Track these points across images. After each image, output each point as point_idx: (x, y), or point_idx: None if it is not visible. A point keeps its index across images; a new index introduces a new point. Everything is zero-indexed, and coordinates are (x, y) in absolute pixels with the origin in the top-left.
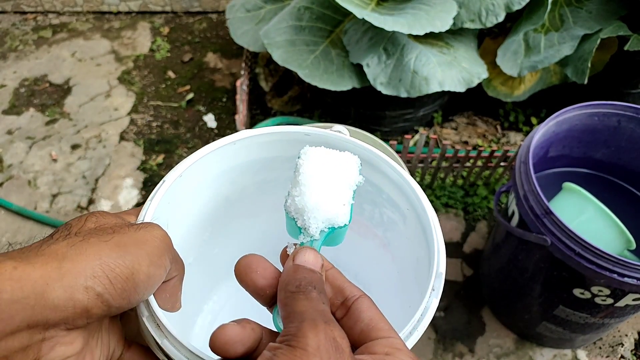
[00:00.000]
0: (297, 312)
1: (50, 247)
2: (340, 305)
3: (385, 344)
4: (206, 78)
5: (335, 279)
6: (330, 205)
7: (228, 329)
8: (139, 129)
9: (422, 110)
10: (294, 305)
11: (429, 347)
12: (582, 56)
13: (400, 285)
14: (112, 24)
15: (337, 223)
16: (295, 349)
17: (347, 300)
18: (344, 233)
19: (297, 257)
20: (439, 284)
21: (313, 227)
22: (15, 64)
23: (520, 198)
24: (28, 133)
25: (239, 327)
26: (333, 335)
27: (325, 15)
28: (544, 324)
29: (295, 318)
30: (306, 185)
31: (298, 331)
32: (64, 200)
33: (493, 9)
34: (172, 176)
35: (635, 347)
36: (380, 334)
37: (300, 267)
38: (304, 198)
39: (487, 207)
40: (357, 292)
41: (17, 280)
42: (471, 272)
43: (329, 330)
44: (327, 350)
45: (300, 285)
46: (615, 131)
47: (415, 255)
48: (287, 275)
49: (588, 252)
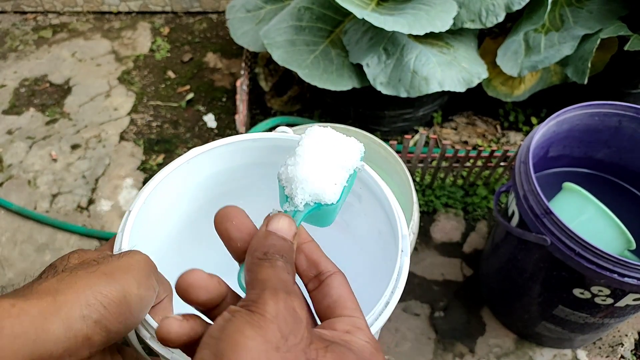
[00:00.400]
0: (260, 279)
1: (41, 285)
2: (313, 278)
3: (347, 322)
4: (206, 78)
5: (312, 252)
6: (320, 180)
7: (195, 273)
8: (139, 128)
9: (422, 110)
10: (258, 272)
11: (429, 347)
12: (583, 56)
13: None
14: (112, 24)
15: (324, 199)
16: (254, 314)
17: (321, 274)
18: (332, 213)
19: (271, 223)
20: (406, 244)
21: (299, 197)
22: (16, 64)
23: (520, 198)
24: (28, 133)
25: (207, 275)
26: (293, 305)
27: (325, 15)
28: (544, 323)
29: (258, 285)
30: (302, 157)
31: (259, 298)
32: (64, 200)
33: (493, 9)
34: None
35: (635, 347)
36: (345, 312)
37: (271, 233)
38: (297, 168)
39: (487, 207)
40: (332, 269)
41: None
42: (471, 272)
43: (289, 300)
44: (285, 318)
45: (267, 252)
46: (616, 131)
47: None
48: (257, 241)
49: (588, 252)
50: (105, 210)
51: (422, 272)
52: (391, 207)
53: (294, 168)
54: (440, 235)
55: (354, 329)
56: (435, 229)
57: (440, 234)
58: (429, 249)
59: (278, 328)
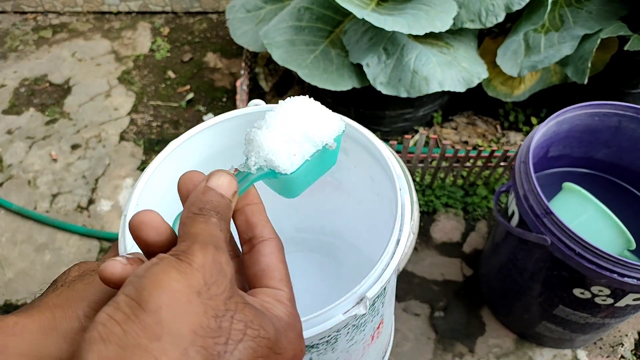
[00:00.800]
0: (192, 233)
1: (42, 301)
2: (247, 241)
3: (270, 294)
4: (206, 78)
5: (252, 214)
6: (277, 148)
7: (151, 213)
8: (139, 128)
9: (422, 110)
10: (191, 226)
11: (429, 347)
12: (583, 56)
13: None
14: (112, 24)
15: (277, 168)
16: (181, 262)
17: (254, 238)
18: (292, 185)
19: (211, 180)
20: (403, 182)
21: (252, 160)
22: (16, 63)
23: (520, 198)
24: (28, 133)
25: (161, 218)
26: (220, 260)
27: (325, 15)
28: (544, 323)
29: (189, 238)
30: (268, 122)
31: (188, 249)
32: (63, 200)
33: (493, 9)
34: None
35: (635, 347)
36: (270, 284)
37: (210, 189)
38: (259, 132)
39: (487, 207)
40: (267, 235)
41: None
42: (471, 272)
43: (217, 255)
44: (211, 270)
45: (203, 208)
46: (615, 131)
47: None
48: (195, 196)
49: (588, 252)
50: (105, 210)
51: (422, 272)
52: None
53: (257, 131)
54: (440, 235)
55: (275, 302)
56: (435, 229)
57: (440, 234)
58: (428, 248)
59: (202, 277)
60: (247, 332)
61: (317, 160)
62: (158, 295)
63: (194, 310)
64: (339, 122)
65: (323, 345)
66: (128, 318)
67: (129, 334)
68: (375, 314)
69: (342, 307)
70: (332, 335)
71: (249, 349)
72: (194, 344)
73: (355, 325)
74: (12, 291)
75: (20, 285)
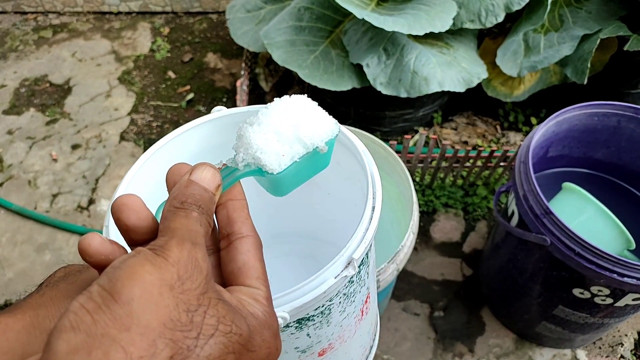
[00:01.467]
0: (172, 228)
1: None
2: (225, 237)
3: (246, 293)
4: (206, 78)
5: (234, 210)
6: (265, 147)
7: (134, 197)
8: (139, 129)
9: (422, 111)
10: (171, 221)
11: (429, 347)
12: (582, 56)
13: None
14: (113, 24)
15: (264, 167)
16: (157, 256)
17: (232, 235)
18: (279, 184)
19: (194, 173)
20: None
21: (239, 156)
22: (16, 64)
23: (520, 198)
24: (28, 133)
25: (144, 204)
26: (196, 256)
27: (325, 15)
28: (544, 323)
29: (168, 233)
30: (260, 119)
31: (165, 244)
32: (64, 200)
33: (493, 10)
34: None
35: (635, 347)
36: (247, 282)
37: (193, 182)
38: (250, 128)
39: (487, 207)
40: (245, 231)
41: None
42: (471, 272)
43: (193, 251)
44: (186, 265)
45: (185, 202)
46: (615, 131)
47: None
48: (178, 189)
49: (588, 252)
50: (105, 210)
51: (421, 272)
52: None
53: (248, 127)
54: (440, 235)
55: (251, 300)
56: (435, 229)
57: (440, 234)
58: (428, 249)
59: (177, 271)
60: (219, 328)
61: (306, 162)
62: (131, 287)
63: (165, 304)
64: (333, 125)
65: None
66: (99, 308)
67: (99, 323)
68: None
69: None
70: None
71: (219, 344)
72: (163, 336)
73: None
74: (12, 291)
75: (20, 286)
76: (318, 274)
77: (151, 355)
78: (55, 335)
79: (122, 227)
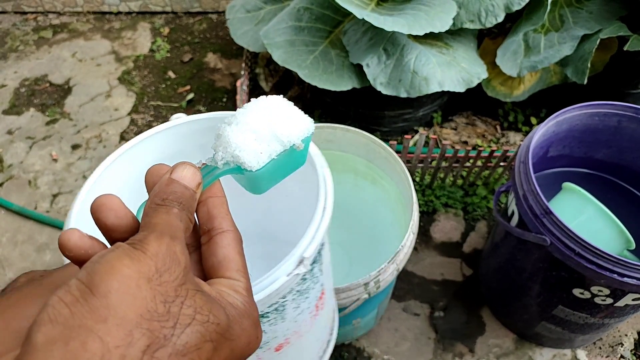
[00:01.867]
0: (152, 223)
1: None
2: (206, 233)
3: (226, 284)
4: (206, 78)
5: (214, 206)
6: (244, 145)
7: (112, 197)
8: (140, 129)
9: (422, 110)
10: (152, 217)
11: (429, 347)
12: (582, 56)
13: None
14: (113, 24)
15: (243, 164)
16: (135, 250)
17: (212, 230)
18: (258, 181)
19: (175, 171)
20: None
21: (219, 155)
22: (16, 64)
23: (520, 198)
24: (28, 133)
25: (122, 203)
26: (175, 250)
27: (324, 15)
28: (544, 323)
29: (148, 228)
30: (238, 119)
31: (144, 238)
32: (64, 200)
33: (492, 10)
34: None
35: (635, 347)
36: (227, 274)
37: (174, 181)
38: (228, 128)
39: (487, 207)
40: (225, 227)
41: None
42: (470, 272)
43: (172, 244)
44: (164, 258)
45: (166, 199)
46: (615, 131)
47: None
48: (159, 187)
49: (588, 252)
50: None
51: (421, 272)
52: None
53: (226, 127)
54: (440, 235)
55: (232, 291)
56: (435, 229)
57: (440, 234)
58: (428, 248)
59: (155, 264)
60: (196, 317)
61: (284, 159)
62: (108, 280)
63: (142, 295)
64: (309, 123)
65: (273, 314)
66: (77, 301)
67: (76, 316)
68: (316, 280)
69: (284, 269)
70: (279, 302)
71: (196, 332)
72: (140, 327)
73: (300, 291)
74: None
75: None
76: (270, 273)
77: (128, 345)
78: (34, 329)
79: (101, 226)
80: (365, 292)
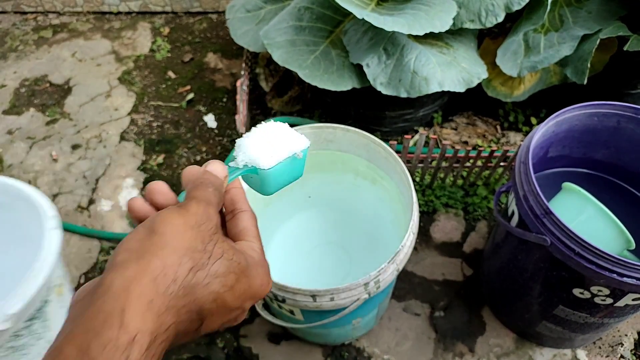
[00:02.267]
0: (193, 194)
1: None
2: (230, 212)
3: (245, 245)
4: (206, 78)
5: (236, 194)
6: (259, 149)
7: (159, 183)
8: (140, 129)
9: (422, 111)
10: (193, 191)
11: (429, 347)
12: (582, 56)
13: None
14: (113, 24)
15: (258, 164)
16: (180, 208)
17: (235, 210)
18: (269, 179)
19: (208, 166)
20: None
21: (239, 158)
22: (16, 64)
23: (520, 198)
24: (28, 133)
25: (167, 187)
26: (209, 211)
27: (325, 15)
28: (544, 323)
29: (190, 198)
30: (254, 132)
31: (188, 203)
32: (64, 200)
33: (493, 9)
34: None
35: (635, 347)
36: (246, 238)
37: (208, 172)
38: (246, 140)
39: (487, 207)
40: (244, 208)
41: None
42: (471, 272)
43: (207, 207)
44: (202, 215)
45: (203, 182)
46: (615, 131)
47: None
48: (196, 176)
49: (588, 252)
50: (105, 210)
51: (422, 272)
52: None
53: (244, 139)
54: (441, 235)
55: (249, 250)
56: (435, 229)
57: (441, 234)
58: (429, 248)
59: (195, 218)
60: (224, 255)
61: (288, 165)
62: (164, 225)
63: (188, 236)
64: (305, 139)
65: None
66: (143, 237)
67: (143, 246)
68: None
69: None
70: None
71: (224, 265)
72: (186, 255)
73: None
74: None
75: None
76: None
77: (179, 265)
78: (114, 254)
79: (154, 205)
80: (365, 292)
